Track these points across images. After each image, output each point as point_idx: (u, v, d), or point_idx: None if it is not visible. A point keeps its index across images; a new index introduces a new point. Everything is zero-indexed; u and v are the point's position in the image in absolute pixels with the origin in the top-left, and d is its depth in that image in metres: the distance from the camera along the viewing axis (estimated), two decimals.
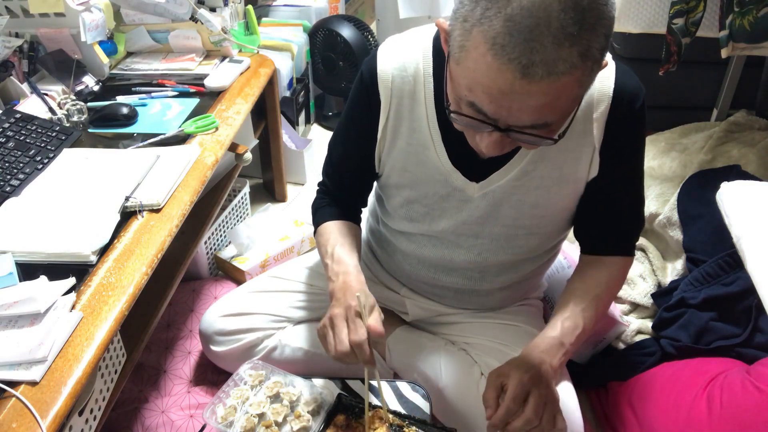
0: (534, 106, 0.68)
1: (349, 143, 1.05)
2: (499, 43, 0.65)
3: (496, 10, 0.65)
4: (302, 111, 2.11)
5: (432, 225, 1.03)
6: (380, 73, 0.93)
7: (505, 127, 0.72)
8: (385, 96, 0.93)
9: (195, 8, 1.47)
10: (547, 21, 0.63)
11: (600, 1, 0.65)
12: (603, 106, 0.86)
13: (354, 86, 0.99)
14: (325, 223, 1.08)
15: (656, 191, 1.55)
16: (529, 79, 0.65)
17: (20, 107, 1.27)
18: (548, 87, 0.66)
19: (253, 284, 1.26)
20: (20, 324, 0.82)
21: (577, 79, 0.67)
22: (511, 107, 0.69)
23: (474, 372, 1.09)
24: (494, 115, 0.71)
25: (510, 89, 0.67)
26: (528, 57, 0.64)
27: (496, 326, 1.14)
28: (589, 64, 0.67)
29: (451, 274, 1.10)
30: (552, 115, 0.71)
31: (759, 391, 0.99)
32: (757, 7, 1.29)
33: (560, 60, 0.64)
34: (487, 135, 0.75)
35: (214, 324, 1.19)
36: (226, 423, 0.96)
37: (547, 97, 0.67)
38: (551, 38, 0.63)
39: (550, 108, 0.69)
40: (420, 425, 0.95)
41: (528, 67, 0.64)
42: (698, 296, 1.27)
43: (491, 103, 0.70)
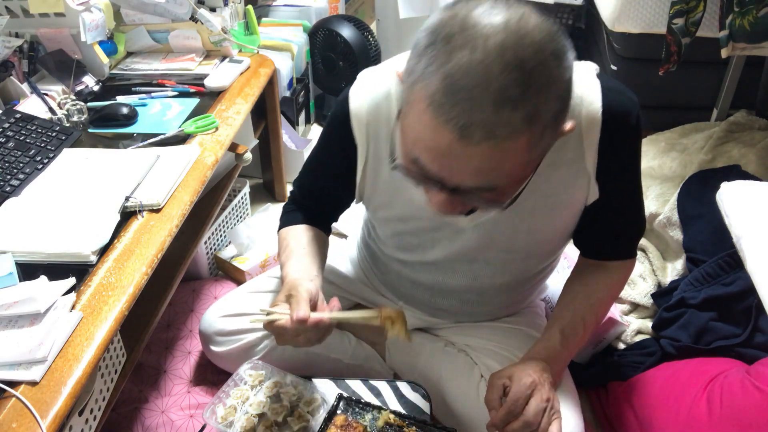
0: (476, 169, 0.64)
1: (324, 179, 1.01)
2: (437, 101, 0.61)
3: (437, 66, 0.61)
4: (302, 111, 2.11)
5: (425, 255, 1.01)
6: (354, 118, 0.89)
7: (451, 186, 0.67)
8: (361, 140, 0.90)
9: (195, 8, 1.47)
10: (487, 82, 0.58)
11: (550, 64, 0.61)
12: (593, 132, 0.81)
13: (327, 125, 0.96)
14: (289, 228, 1.03)
15: (656, 191, 1.55)
16: (466, 141, 0.61)
17: (20, 107, 1.27)
18: (489, 151, 0.61)
19: (252, 284, 1.26)
20: (20, 324, 0.82)
21: (525, 144, 0.62)
22: (452, 167, 0.65)
23: (474, 374, 1.09)
24: (437, 174, 0.66)
25: (449, 150, 0.62)
26: (465, 118, 0.60)
27: (496, 329, 1.13)
28: (538, 128, 0.62)
29: (448, 297, 1.08)
30: (498, 179, 0.66)
31: (759, 391, 0.99)
32: (757, 7, 1.29)
33: (500, 124, 0.60)
34: (437, 193, 0.70)
35: (213, 324, 1.19)
36: (226, 423, 0.96)
37: (490, 160, 0.63)
38: (490, 100, 0.59)
39: (495, 172, 0.64)
40: (420, 425, 0.95)
41: (465, 128, 0.60)
42: (698, 296, 1.27)
43: (432, 162, 0.65)
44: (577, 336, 0.95)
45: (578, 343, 0.97)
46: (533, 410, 0.82)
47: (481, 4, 0.62)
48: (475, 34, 0.60)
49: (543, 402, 0.84)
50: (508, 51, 0.59)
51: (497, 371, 0.91)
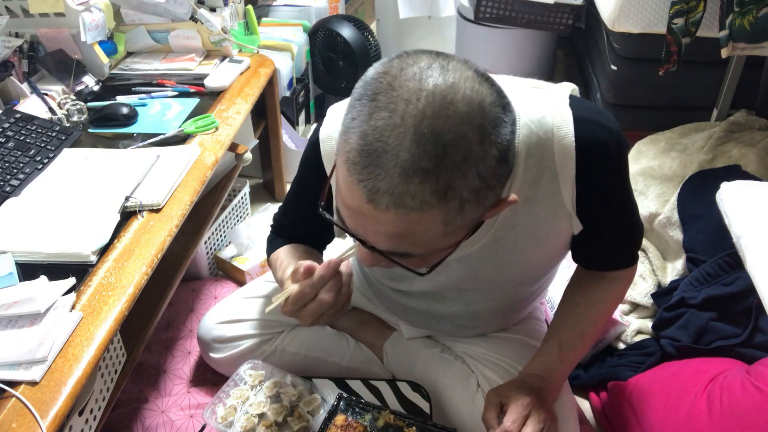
0: (386, 234, 0.61)
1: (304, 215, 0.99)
2: (351, 159, 0.59)
3: (358, 123, 0.59)
4: (302, 111, 2.11)
5: (412, 285, 1.00)
6: (324, 156, 0.86)
7: (369, 245, 0.65)
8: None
9: (195, 8, 1.47)
10: (397, 150, 0.56)
11: (472, 139, 0.57)
12: (568, 166, 0.76)
13: (302, 163, 0.94)
14: (279, 249, 1.01)
15: (656, 191, 1.55)
16: (374, 205, 0.58)
17: (20, 107, 1.27)
18: (397, 219, 0.59)
19: (248, 290, 1.25)
20: (20, 324, 0.82)
21: (438, 217, 0.59)
22: (366, 228, 0.63)
23: (471, 383, 1.07)
24: (353, 229, 0.65)
25: (359, 210, 0.61)
26: (373, 183, 0.57)
27: (494, 338, 1.11)
28: (454, 203, 0.58)
29: (441, 321, 1.07)
30: (412, 247, 0.63)
31: (759, 391, 0.99)
32: (757, 7, 1.29)
33: (408, 195, 0.57)
34: (360, 247, 0.68)
35: (211, 331, 1.18)
36: (226, 423, 0.96)
37: (399, 228, 0.60)
38: (398, 169, 0.56)
39: (407, 241, 0.62)
40: (420, 425, 0.95)
41: (373, 193, 0.58)
42: (698, 296, 1.27)
43: (349, 218, 0.64)
44: (575, 351, 0.94)
45: (577, 357, 0.95)
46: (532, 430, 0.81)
47: (417, 63, 0.59)
48: (397, 97, 0.57)
49: (540, 422, 0.83)
50: (425, 120, 0.56)
51: (495, 388, 0.89)
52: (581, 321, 0.95)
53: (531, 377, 0.90)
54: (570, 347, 0.93)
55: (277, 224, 1.07)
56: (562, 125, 0.75)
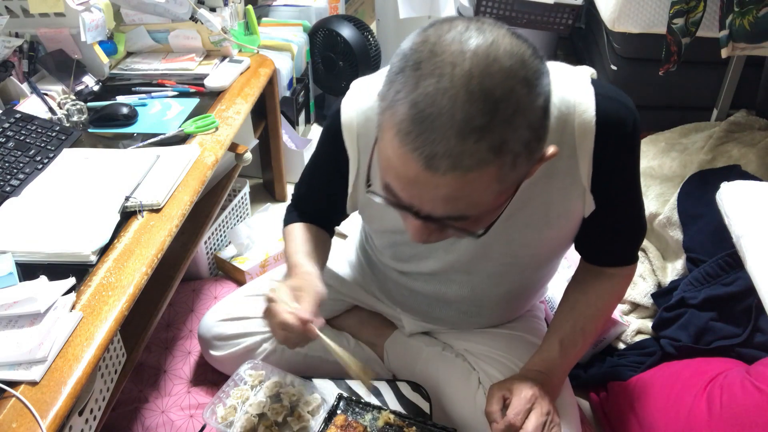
0: (444, 198, 0.63)
1: (320, 190, 1.01)
2: (404, 130, 0.60)
3: (405, 94, 0.60)
4: (302, 111, 2.11)
5: (420, 265, 1.00)
6: (345, 129, 0.88)
7: (423, 215, 0.66)
8: (352, 151, 0.89)
9: (195, 8, 1.47)
10: (451, 111, 0.57)
11: (519, 92, 0.59)
12: (587, 141, 0.79)
13: (321, 137, 0.95)
14: (295, 224, 1.04)
15: (656, 191, 1.55)
16: (432, 171, 0.60)
17: (20, 107, 1.27)
18: (455, 181, 0.60)
19: (250, 287, 1.26)
20: (20, 324, 0.82)
21: (493, 174, 0.61)
22: (422, 196, 0.64)
23: (472, 380, 1.08)
24: (407, 201, 0.66)
25: (416, 179, 0.62)
26: (430, 148, 0.59)
27: (495, 335, 1.11)
28: (508, 158, 0.60)
29: (446, 307, 1.07)
30: (468, 209, 0.65)
31: (759, 391, 0.99)
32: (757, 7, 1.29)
33: (466, 154, 0.58)
34: (411, 220, 0.69)
35: (212, 329, 1.18)
36: (226, 423, 0.96)
37: (458, 191, 0.61)
38: (455, 130, 0.58)
39: (464, 202, 0.63)
40: (420, 425, 0.95)
41: (431, 158, 0.59)
42: (698, 296, 1.27)
43: (403, 190, 0.65)
44: (576, 347, 0.94)
45: (578, 353, 0.96)
46: (534, 424, 0.82)
47: (454, 28, 0.61)
48: (442, 62, 0.58)
49: (543, 416, 0.83)
50: (474, 79, 0.57)
51: (497, 383, 0.90)
52: (581, 318, 0.95)
53: (533, 373, 0.91)
54: (570, 343, 0.94)
55: (296, 195, 1.09)
56: (583, 101, 0.77)
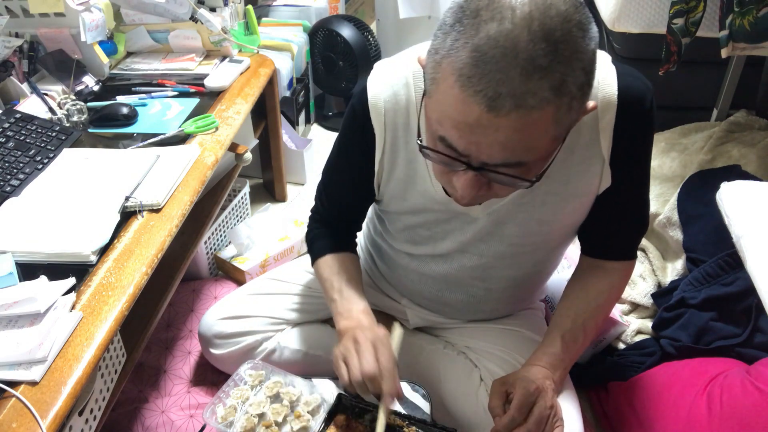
0: (503, 142, 0.64)
1: (346, 174, 1.01)
2: (465, 74, 0.62)
3: (465, 41, 0.62)
4: (302, 111, 2.11)
5: (436, 247, 1.01)
6: (372, 107, 0.89)
7: (477, 164, 0.68)
8: (379, 129, 0.90)
9: (195, 8, 1.47)
10: (515, 52, 0.60)
11: (576, 34, 0.62)
12: (609, 115, 0.82)
13: (346, 117, 0.96)
14: (326, 256, 1.05)
15: (656, 191, 1.55)
16: (495, 112, 0.62)
17: (20, 107, 1.27)
18: (517, 121, 0.62)
19: (251, 286, 1.26)
20: (20, 324, 0.82)
21: (552, 115, 0.63)
22: (480, 142, 0.65)
23: (474, 377, 1.08)
24: (464, 150, 0.67)
25: (477, 122, 0.63)
26: (494, 89, 0.61)
27: (496, 331, 1.12)
28: (566, 100, 0.63)
29: (455, 290, 1.08)
30: (525, 153, 0.67)
31: (759, 391, 0.99)
32: (757, 7, 1.29)
33: (529, 93, 0.61)
34: (462, 174, 0.71)
35: (212, 327, 1.19)
36: (226, 423, 0.96)
37: (517, 132, 0.63)
38: (519, 70, 0.60)
39: (522, 145, 0.65)
40: (420, 425, 0.95)
41: (494, 99, 0.61)
42: (698, 296, 1.27)
43: (460, 138, 0.67)
44: (577, 342, 0.95)
45: (579, 348, 0.97)
46: (537, 418, 0.83)
47: None
48: (502, 7, 0.61)
49: (547, 409, 0.84)
50: (534, 21, 0.60)
51: (500, 377, 0.91)
52: (582, 313, 0.96)
53: (535, 368, 0.91)
54: (572, 339, 0.95)
55: (317, 199, 1.09)
56: (606, 77, 0.81)
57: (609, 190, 0.89)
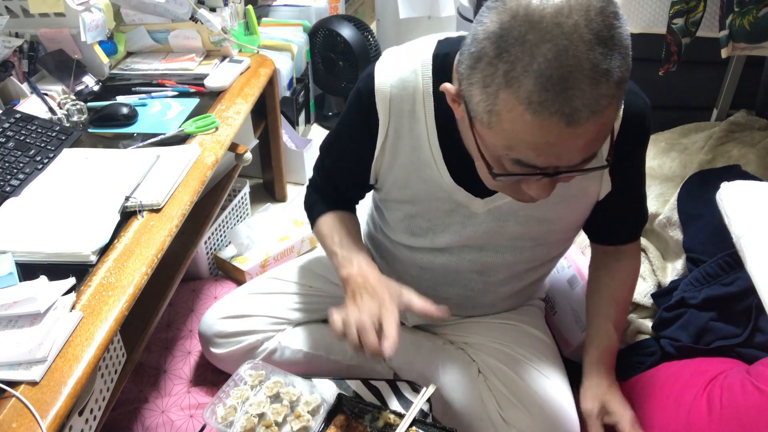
0: (583, 145, 0.67)
1: (344, 157, 1.02)
2: (536, 101, 0.63)
3: (522, 69, 0.63)
4: (302, 111, 2.11)
5: (434, 240, 1.01)
6: (378, 91, 0.90)
7: (554, 171, 0.71)
8: (383, 114, 0.91)
9: (195, 8, 1.47)
10: (579, 66, 0.61)
11: (616, 24, 0.64)
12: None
13: (350, 100, 0.96)
14: (325, 215, 1.07)
15: (656, 191, 1.54)
16: (575, 125, 0.64)
17: (20, 107, 1.27)
18: (595, 125, 0.65)
19: (252, 286, 1.26)
20: (20, 324, 0.82)
21: (617, 105, 0.67)
22: (561, 154, 0.68)
23: (472, 370, 1.09)
24: (544, 164, 0.69)
25: (558, 139, 0.65)
26: (570, 105, 0.63)
27: (495, 326, 1.14)
28: (623, 86, 0.67)
29: (454, 285, 1.08)
30: (599, 144, 0.70)
31: (759, 391, 0.99)
32: (757, 7, 1.29)
33: (601, 97, 0.63)
34: (536, 183, 0.74)
35: (213, 326, 1.19)
36: (226, 423, 0.96)
37: (596, 133, 0.67)
38: (587, 81, 0.62)
39: (599, 140, 0.69)
40: (420, 425, 0.95)
41: (572, 115, 0.63)
42: (698, 296, 1.26)
43: (539, 156, 0.68)
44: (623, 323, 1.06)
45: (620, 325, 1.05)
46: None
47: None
48: (547, 26, 0.62)
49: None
50: (580, 29, 0.62)
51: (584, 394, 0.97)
52: (619, 296, 1.04)
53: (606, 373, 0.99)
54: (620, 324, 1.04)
55: (315, 173, 1.12)
56: None
57: (610, 195, 0.95)
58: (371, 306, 0.88)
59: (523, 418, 1.01)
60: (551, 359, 1.10)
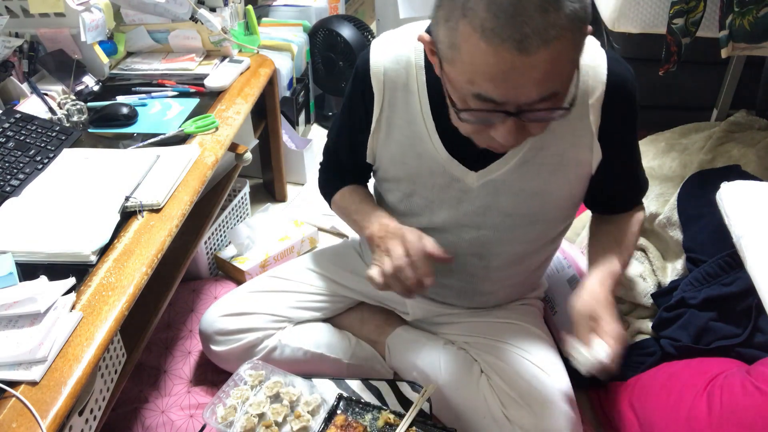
0: (538, 78, 0.69)
1: (344, 135, 1.07)
2: (488, 28, 0.66)
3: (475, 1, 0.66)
4: (302, 111, 2.11)
5: (432, 217, 1.03)
6: (373, 66, 0.94)
7: (516, 110, 0.73)
8: (378, 88, 0.94)
9: (195, 8, 1.47)
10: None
11: None
12: (598, 92, 0.88)
13: (350, 80, 1.01)
14: (338, 193, 1.12)
15: (656, 191, 1.54)
16: (526, 53, 0.66)
17: (20, 107, 1.27)
18: (546, 55, 0.67)
19: (253, 284, 1.27)
20: (20, 324, 0.82)
21: (571, 41, 0.69)
22: (517, 85, 0.70)
23: (474, 370, 1.09)
24: (503, 98, 0.71)
25: (511, 67, 0.68)
26: (519, 31, 0.65)
27: (495, 325, 1.14)
28: (577, 24, 0.68)
29: (455, 271, 1.09)
30: (557, 82, 0.72)
31: (759, 391, 0.99)
32: (757, 7, 1.29)
33: (550, 26, 0.66)
34: (501, 125, 0.75)
35: (214, 323, 1.19)
36: (226, 423, 0.96)
37: (548, 64, 0.68)
38: (536, 8, 0.65)
39: (554, 76, 0.70)
40: (420, 425, 0.95)
41: (522, 41, 0.66)
42: (698, 296, 1.26)
43: (496, 88, 0.70)
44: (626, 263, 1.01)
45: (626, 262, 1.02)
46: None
47: None
48: None
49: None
50: None
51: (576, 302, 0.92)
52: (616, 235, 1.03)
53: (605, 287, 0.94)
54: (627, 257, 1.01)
55: (325, 153, 1.16)
56: (596, 58, 0.88)
57: (604, 163, 0.94)
58: (398, 250, 0.90)
59: (526, 416, 1.01)
60: (552, 357, 1.10)
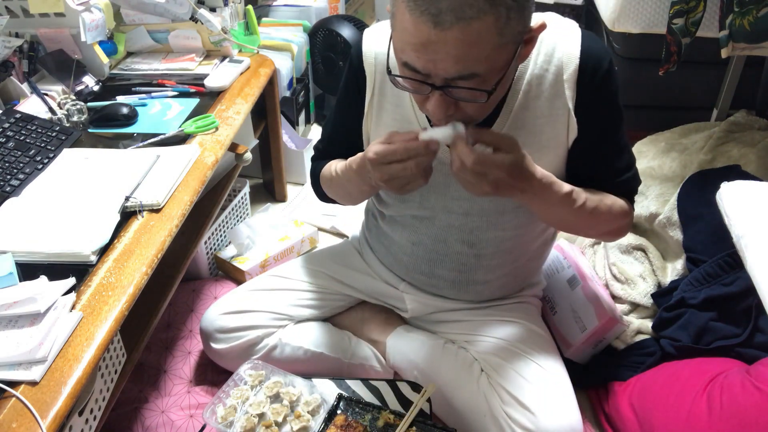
0: (454, 54, 0.71)
1: (339, 122, 1.09)
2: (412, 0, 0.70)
3: None
4: (302, 111, 2.11)
5: (423, 201, 1.05)
6: (365, 52, 0.98)
7: (440, 83, 0.75)
8: (369, 73, 0.98)
9: (195, 8, 1.47)
10: None
11: None
12: (571, 68, 0.89)
13: (345, 69, 1.04)
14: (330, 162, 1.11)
15: (656, 191, 1.55)
16: (441, 27, 0.69)
17: (20, 107, 1.27)
18: (461, 33, 0.69)
19: (254, 283, 1.27)
20: (20, 324, 0.82)
21: (492, 25, 0.70)
22: (435, 58, 0.72)
23: (474, 369, 1.10)
24: (423, 69, 0.74)
25: (428, 40, 0.71)
26: (435, 6, 0.68)
27: (495, 323, 1.14)
28: (502, 10, 0.69)
29: (447, 261, 1.11)
30: (476, 64, 0.73)
31: (759, 391, 0.99)
32: (757, 7, 1.29)
33: (466, 5, 0.68)
34: (431, 96, 0.78)
35: (214, 321, 1.19)
36: (226, 423, 0.96)
37: (463, 43, 0.70)
38: None
39: (472, 56, 0.72)
40: (420, 425, 0.95)
41: (437, 15, 0.69)
42: (698, 296, 1.26)
43: (418, 58, 0.73)
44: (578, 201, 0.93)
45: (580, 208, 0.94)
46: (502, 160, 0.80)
47: None
48: None
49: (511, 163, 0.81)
50: None
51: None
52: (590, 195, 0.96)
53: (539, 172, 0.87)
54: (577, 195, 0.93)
55: (319, 142, 1.17)
56: (570, 35, 0.90)
57: (580, 143, 0.94)
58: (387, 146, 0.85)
59: (527, 414, 1.01)
60: (551, 354, 1.11)
